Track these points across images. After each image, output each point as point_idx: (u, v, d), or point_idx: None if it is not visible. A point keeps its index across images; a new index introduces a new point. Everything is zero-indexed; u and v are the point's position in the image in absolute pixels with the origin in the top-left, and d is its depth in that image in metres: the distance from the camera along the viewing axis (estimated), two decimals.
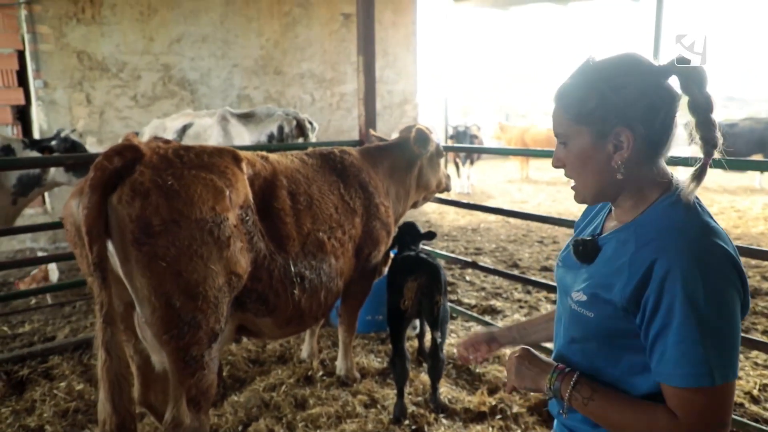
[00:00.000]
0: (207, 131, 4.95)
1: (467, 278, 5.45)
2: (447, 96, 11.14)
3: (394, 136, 9.93)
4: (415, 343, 3.72)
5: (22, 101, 7.08)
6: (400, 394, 2.89)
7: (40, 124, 7.10)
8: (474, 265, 4.23)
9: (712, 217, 1.15)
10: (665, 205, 1.15)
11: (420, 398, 3.11)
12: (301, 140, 4.86)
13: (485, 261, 6.26)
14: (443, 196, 4.30)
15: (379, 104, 10.41)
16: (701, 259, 1.05)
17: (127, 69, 7.70)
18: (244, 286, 2.36)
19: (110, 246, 2.02)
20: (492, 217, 8.80)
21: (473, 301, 4.79)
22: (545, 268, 5.93)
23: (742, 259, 1.16)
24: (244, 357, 3.57)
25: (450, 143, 10.98)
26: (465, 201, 9.54)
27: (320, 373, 3.42)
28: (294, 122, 4.85)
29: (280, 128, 4.77)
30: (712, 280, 1.04)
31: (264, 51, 8.98)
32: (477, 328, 4.12)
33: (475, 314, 4.35)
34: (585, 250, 1.23)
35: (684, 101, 1.14)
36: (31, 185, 5.04)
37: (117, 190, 1.99)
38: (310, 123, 5.06)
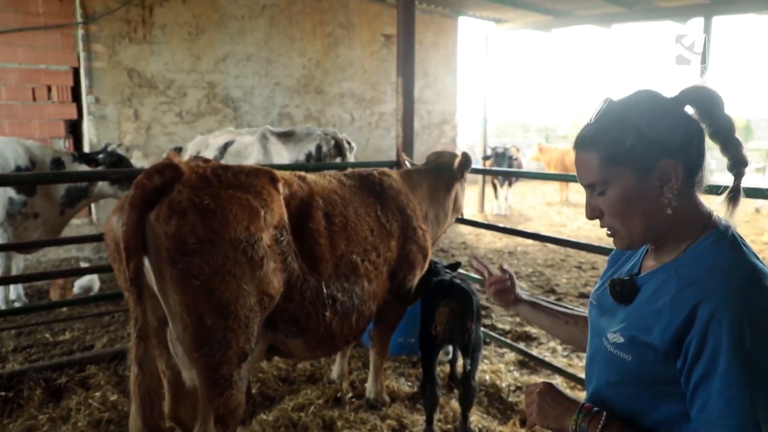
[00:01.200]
0: (247, 149, 5.04)
1: None
2: (486, 116, 11.05)
3: None
4: (447, 368, 3.65)
5: (74, 116, 7.41)
6: (429, 421, 2.82)
7: (90, 137, 7.40)
8: None
9: (758, 258, 1.09)
10: (708, 244, 1.10)
11: (450, 426, 3.03)
12: (338, 160, 4.89)
13: (521, 286, 6.10)
14: (479, 218, 4.25)
15: (418, 124, 10.48)
16: (749, 303, 0.99)
17: (174, 86, 7.96)
18: (276, 306, 2.36)
19: (147, 262, 2.05)
20: (530, 240, 8.64)
21: (507, 327, 4.68)
22: (583, 295, 5.75)
23: None
24: (274, 375, 3.57)
25: (488, 165, 10.87)
26: (502, 224, 9.41)
27: (349, 395, 3.38)
28: (332, 142, 4.89)
29: (319, 147, 4.82)
30: (761, 326, 0.98)
31: (306, 70, 9.15)
32: (510, 356, 4.01)
33: (509, 340, 4.24)
34: (622, 290, 1.17)
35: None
36: (79, 197, 5.24)
37: (155, 208, 2.03)
38: (348, 143, 5.10)
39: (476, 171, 4.51)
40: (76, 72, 7.33)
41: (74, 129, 7.55)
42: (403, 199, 3.22)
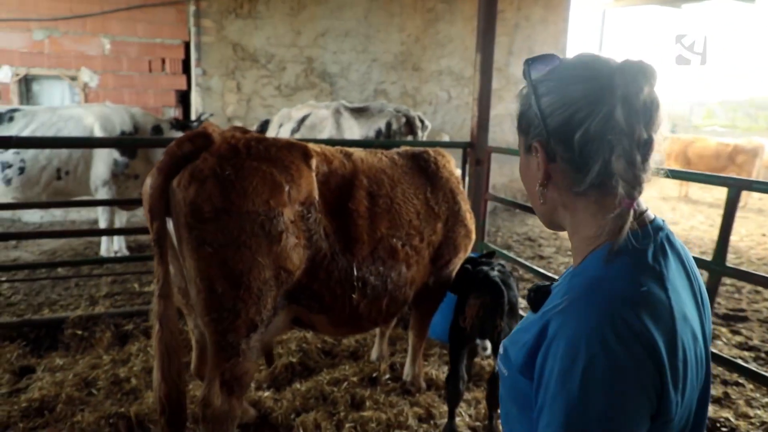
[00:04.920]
0: (322, 122, 5.13)
1: None
2: None
3: None
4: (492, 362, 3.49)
5: (184, 87, 7.99)
6: (451, 415, 2.72)
7: (196, 107, 7.95)
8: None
9: (665, 282, 0.86)
10: (598, 255, 0.90)
11: (478, 423, 2.90)
12: (410, 138, 4.81)
13: None
14: None
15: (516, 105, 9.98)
16: (598, 332, 0.78)
17: (274, 60, 8.28)
18: (299, 281, 2.37)
19: (171, 226, 2.16)
20: None
21: None
22: None
23: None
24: (318, 347, 3.64)
25: None
26: None
27: (386, 376, 3.36)
28: (403, 119, 4.81)
29: (388, 124, 4.77)
30: (600, 366, 0.77)
31: (404, 46, 9.07)
32: None
33: None
34: (535, 297, 1.01)
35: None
36: None
37: (179, 174, 2.11)
38: (422, 121, 4.99)
39: None
40: (186, 46, 7.87)
41: (183, 99, 8.16)
42: (455, 181, 3.10)
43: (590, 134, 0.87)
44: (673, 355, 0.81)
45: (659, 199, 12.12)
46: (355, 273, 2.56)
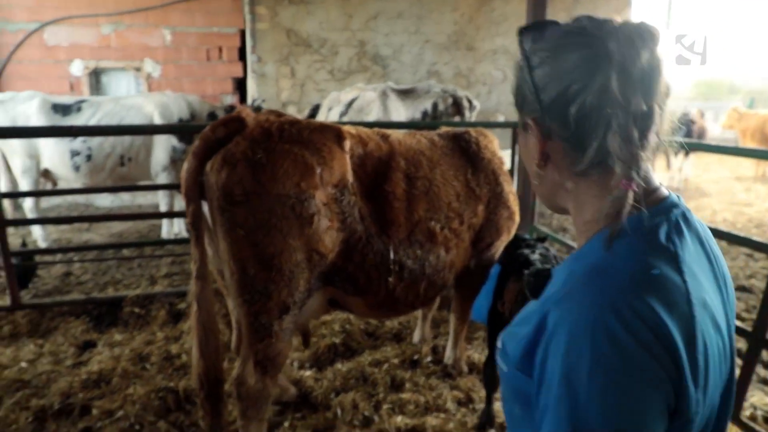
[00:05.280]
0: (369, 105, 5.12)
1: None
2: None
3: None
4: None
5: (240, 74, 8.19)
6: (489, 401, 2.67)
7: (252, 94, 8.13)
8: None
9: (680, 264, 0.76)
10: (599, 239, 0.81)
11: None
12: (457, 118, 4.71)
13: None
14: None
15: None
16: (602, 322, 0.70)
17: (327, 45, 8.32)
18: (333, 263, 2.38)
19: (206, 209, 2.22)
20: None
21: None
22: (743, 288, 4.85)
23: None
24: (361, 329, 3.67)
25: None
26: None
27: (428, 358, 3.34)
28: (450, 100, 4.72)
29: (435, 105, 4.69)
30: (607, 362, 0.69)
31: (457, 26, 8.87)
32: None
33: None
34: (535, 283, 0.93)
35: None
36: None
37: (212, 158, 2.16)
38: (470, 101, 4.87)
39: None
40: (242, 33, 8.04)
41: (240, 86, 8.37)
42: (498, 162, 3.01)
43: (586, 108, 0.78)
44: (692, 346, 0.72)
45: (732, 179, 11.31)
46: (392, 256, 2.54)
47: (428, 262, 2.66)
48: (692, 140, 9.16)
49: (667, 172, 10.14)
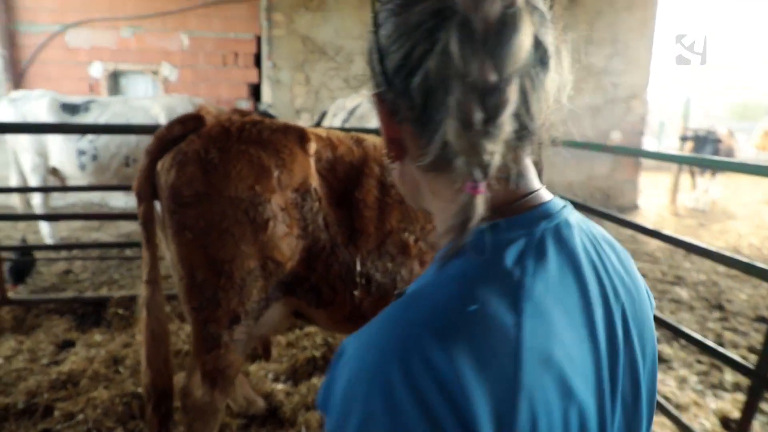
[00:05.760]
0: (371, 112, 5.02)
1: None
2: (689, 94, 9.34)
3: (615, 134, 8.82)
4: None
5: (256, 80, 8.22)
6: None
7: (266, 100, 8.14)
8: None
9: (521, 299, 0.56)
10: (442, 254, 0.62)
11: None
12: None
13: (680, 294, 5.11)
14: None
15: (600, 98, 9.33)
16: (383, 370, 0.53)
17: (342, 53, 8.29)
18: (294, 273, 2.27)
19: (159, 209, 2.13)
20: (719, 241, 7.18)
21: None
22: (762, 319, 4.55)
23: None
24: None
25: (687, 149, 9.27)
26: (698, 220, 8.03)
27: None
28: None
29: None
30: (376, 421, 0.51)
31: None
32: None
33: None
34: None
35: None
36: None
37: (163, 157, 2.08)
38: None
39: (646, 155, 3.72)
40: (258, 40, 8.08)
41: (255, 92, 8.39)
42: None
43: (431, 79, 0.57)
44: (507, 422, 0.52)
45: (762, 202, 10.80)
46: (358, 268, 2.41)
47: (400, 275, 2.51)
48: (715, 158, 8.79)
49: (692, 192, 9.76)
